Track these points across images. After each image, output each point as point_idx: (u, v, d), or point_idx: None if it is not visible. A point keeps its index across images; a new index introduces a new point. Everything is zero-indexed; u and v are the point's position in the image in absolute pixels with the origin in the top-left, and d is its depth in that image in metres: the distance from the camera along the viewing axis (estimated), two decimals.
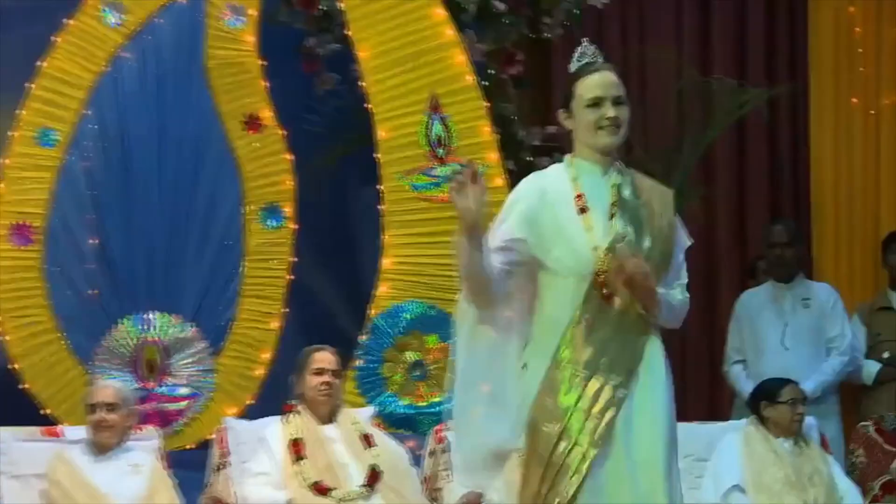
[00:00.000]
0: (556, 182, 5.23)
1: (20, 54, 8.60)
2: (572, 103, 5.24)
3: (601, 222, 5.17)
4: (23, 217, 8.46)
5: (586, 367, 5.11)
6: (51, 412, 8.30)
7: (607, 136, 5.25)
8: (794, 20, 10.25)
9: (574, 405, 5.08)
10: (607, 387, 5.15)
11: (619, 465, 5.11)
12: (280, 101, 8.82)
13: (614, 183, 5.26)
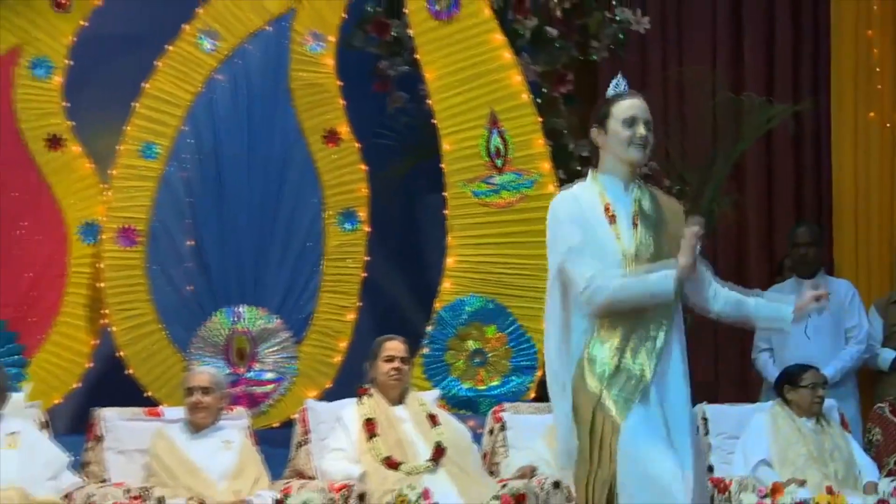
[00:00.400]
0: (586, 195, 5.28)
1: (127, 77, 8.64)
2: (608, 121, 5.35)
3: (627, 231, 5.28)
4: (128, 221, 8.50)
5: (616, 350, 5.25)
6: (152, 395, 8.36)
7: (637, 152, 5.34)
8: (818, 43, 10.18)
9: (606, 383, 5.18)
10: (639, 360, 5.27)
11: (657, 421, 5.20)
12: (355, 118, 8.81)
13: (636, 197, 5.40)
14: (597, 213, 5.26)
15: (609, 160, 5.34)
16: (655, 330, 5.29)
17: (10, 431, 7.07)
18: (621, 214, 5.31)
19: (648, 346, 5.26)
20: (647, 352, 5.27)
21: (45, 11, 8.54)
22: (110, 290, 8.48)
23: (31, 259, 8.54)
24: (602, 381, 5.18)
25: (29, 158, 8.54)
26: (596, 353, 5.26)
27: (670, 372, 5.24)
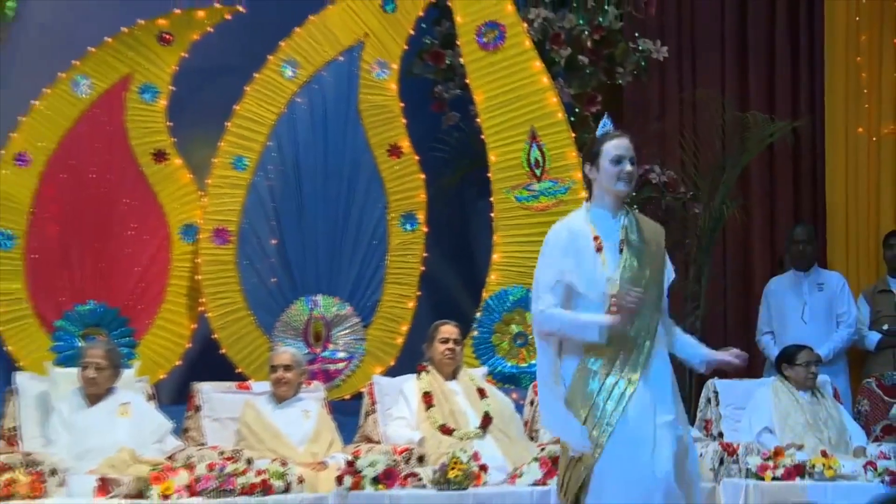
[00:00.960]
0: (577, 225, 5.29)
1: (220, 100, 8.67)
2: (598, 159, 5.39)
3: (613, 257, 5.33)
4: (221, 223, 8.56)
5: (605, 365, 5.21)
6: (242, 371, 8.42)
7: (624, 186, 5.37)
8: (813, 68, 10.10)
9: (598, 390, 5.20)
10: (623, 379, 5.26)
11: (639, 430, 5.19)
12: (415, 134, 8.84)
13: (623, 224, 5.46)
14: (587, 242, 5.30)
15: (600, 192, 5.38)
16: (640, 357, 5.36)
17: (122, 402, 7.18)
18: (609, 243, 5.36)
19: (634, 365, 5.32)
20: (632, 371, 5.33)
21: (152, 45, 8.59)
22: (206, 281, 8.54)
23: (139, 256, 8.57)
24: (595, 388, 5.25)
25: (138, 170, 8.58)
26: (591, 364, 5.34)
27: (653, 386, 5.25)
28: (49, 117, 8.47)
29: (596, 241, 5.26)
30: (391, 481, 6.61)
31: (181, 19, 8.67)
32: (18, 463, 6.41)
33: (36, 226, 8.41)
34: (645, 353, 5.23)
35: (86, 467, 6.65)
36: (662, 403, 5.22)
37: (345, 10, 8.79)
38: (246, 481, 6.37)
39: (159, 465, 6.55)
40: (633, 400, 5.15)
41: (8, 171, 8.36)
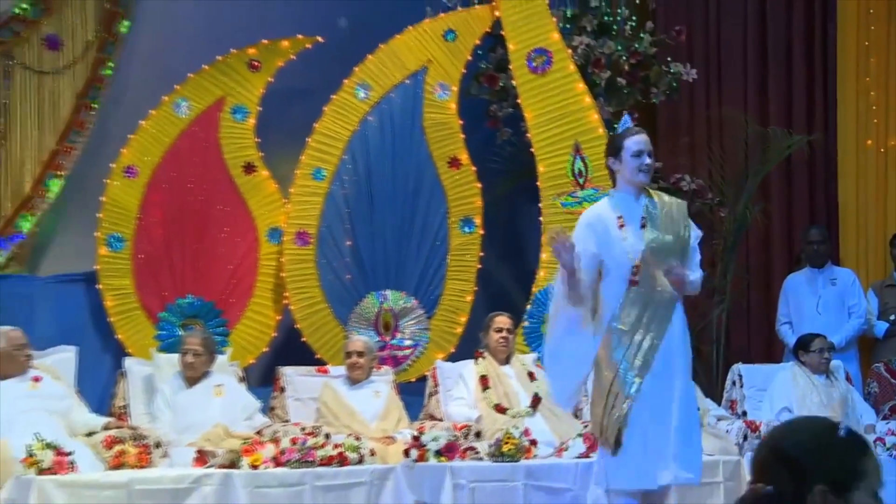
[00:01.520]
0: (603, 210, 5.43)
1: (302, 118, 8.69)
2: (621, 153, 5.47)
3: (635, 232, 5.40)
4: (303, 226, 8.57)
5: (631, 326, 5.36)
6: (321, 356, 8.41)
7: (644, 176, 5.46)
8: (827, 87, 10.03)
9: (622, 356, 5.33)
10: (649, 335, 5.38)
11: (661, 384, 5.35)
12: (472, 148, 8.83)
13: (644, 204, 5.48)
14: (612, 222, 5.39)
15: (622, 182, 5.47)
16: (662, 315, 5.41)
17: (217, 384, 7.29)
18: (631, 221, 5.43)
19: (657, 326, 5.38)
20: (654, 330, 5.38)
21: (242, 71, 8.62)
22: (290, 278, 8.55)
23: (231, 256, 8.60)
24: (620, 349, 5.33)
25: (230, 181, 8.61)
26: (618, 327, 5.37)
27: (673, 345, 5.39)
28: (154, 135, 8.52)
29: (619, 220, 5.34)
30: (452, 454, 6.67)
31: (268, 48, 8.70)
32: (128, 436, 6.49)
33: (142, 230, 8.45)
34: (668, 309, 5.37)
35: (185, 440, 6.76)
36: (681, 357, 5.39)
37: (411, 38, 8.81)
38: (324, 454, 6.45)
39: (249, 439, 6.65)
40: (659, 354, 5.31)
41: (118, 182, 8.41)
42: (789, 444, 2.21)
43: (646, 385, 5.31)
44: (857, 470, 2.18)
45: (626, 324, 5.34)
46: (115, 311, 8.33)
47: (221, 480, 6.13)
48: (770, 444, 2.24)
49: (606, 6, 9.21)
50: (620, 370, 5.31)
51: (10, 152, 8.45)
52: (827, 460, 2.18)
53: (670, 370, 5.38)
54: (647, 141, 5.49)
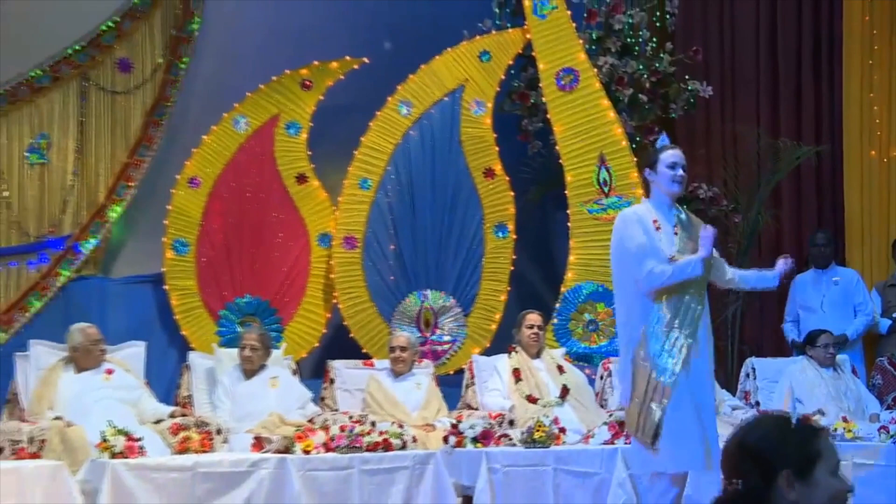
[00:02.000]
0: (641, 211, 5.40)
1: (349, 133, 8.71)
2: (657, 165, 5.46)
3: (669, 237, 5.38)
4: (350, 232, 8.60)
5: (666, 325, 5.34)
6: (367, 351, 8.43)
7: (677, 187, 5.44)
8: (833, 102, 9.95)
9: (659, 353, 5.31)
10: (682, 335, 5.35)
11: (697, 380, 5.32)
12: (506, 159, 8.82)
13: (676, 214, 5.47)
14: (650, 224, 5.38)
15: (657, 192, 5.45)
16: (696, 317, 5.39)
17: (272, 376, 7.30)
18: (666, 227, 5.41)
19: (688, 326, 5.35)
20: (688, 329, 5.36)
21: (295, 90, 8.65)
22: (338, 279, 8.58)
23: (285, 258, 8.62)
24: (656, 349, 5.31)
25: (284, 190, 8.64)
26: (652, 330, 5.35)
27: (704, 343, 5.37)
28: (215, 149, 8.56)
29: (655, 223, 5.32)
30: (487, 440, 6.64)
31: (319, 69, 8.73)
32: (192, 424, 6.51)
33: (204, 235, 8.49)
34: (698, 314, 5.34)
35: (244, 428, 6.77)
36: (706, 356, 5.37)
37: (449, 59, 8.82)
38: (370, 440, 6.44)
39: (302, 426, 6.67)
40: (692, 353, 5.28)
41: (183, 192, 8.47)
42: (752, 440, 2.25)
43: (681, 378, 5.28)
44: (814, 453, 2.23)
45: (661, 323, 5.32)
46: (180, 310, 8.39)
47: (276, 464, 6.14)
48: (736, 443, 2.27)
49: (629, 29, 9.16)
50: (659, 365, 5.28)
51: (86, 165, 8.53)
52: (786, 448, 2.22)
53: (703, 364, 5.37)
54: (682, 156, 5.50)
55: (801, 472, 2.20)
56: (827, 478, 2.22)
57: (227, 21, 8.91)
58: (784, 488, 2.18)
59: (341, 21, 9.12)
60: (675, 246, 5.35)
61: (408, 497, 6.44)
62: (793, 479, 2.19)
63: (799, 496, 2.19)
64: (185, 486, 5.98)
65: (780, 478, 2.18)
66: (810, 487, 2.20)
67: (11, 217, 8.35)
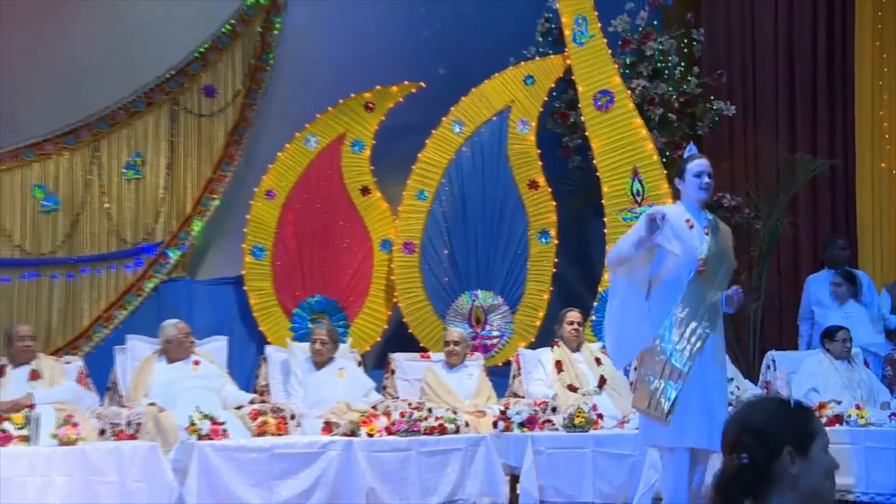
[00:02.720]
0: (673, 210, 5.34)
1: (408, 149, 8.71)
2: (685, 174, 5.41)
3: (700, 237, 5.32)
4: (409, 238, 8.62)
5: (687, 316, 5.29)
6: (424, 345, 8.44)
7: (704, 193, 5.38)
8: (846, 119, 9.86)
9: (677, 340, 5.26)
10: (700, 327, 5.30)
11: (706, 368, 5.29)
12: (548, 172, 8.80)
13: (706, 217, 5.42)
14: (682, 221, 5.34)
15: (686, 199, 5.40)
16: (714, 312, 5.35)
17: (340, 367, 7.34)
18: (697, 226, 5.37)
19: (706, 317, 5.31)
20: (705, 320, 5.32)
21: (360, 111, 8.68)
22: (398, 280, 8.59)
23: (350, 262, 8.65)
24: (675, 336, 5.27)
25: (349, 201, 8.67)
26: (674, 318, 5.31)
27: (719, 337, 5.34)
28: (289, 164, 8.61)
29: (688, 222, 5.28)
30: (532, 425, 6.66)
31: (380, 93, 8.76)
32: (269, 410, 6.56)
33: (279, 241, 8.53)
34: (716, 308, 5.31)
35: (314, 413, 6.81)
36: (722, 346, 5.36)
37: (497, 83, 8.81)
38: (427, 424, 6.46)
39: (366, 412, 6.71)
40: (709, 343, 5.25)
41: (260, 203, 8.53)
42: (755, 419, 2.25)
43: (696, 364, 5.24)
44: (810, 431, 2.24)
45: (684, 312, 5.28)
46: (257, 308, 8.45)
47: (344, 446, 6.17)
48: (739, 422, 2.27)
49: (659, 55, 9.11)
50: (676, 351, 5.25)
51: (176, 179, 8.62)
52: (786, 426, 2.23)
53: (718, 355, 5.34)
54: (707, 164, 5.44)
55: (801, 449, 2.21)
56: (821, 454, 2.24)
57: (299, 51, 8.94)
58: (787, 463, 2.19)
59: (400, 49, 9.13)
60: (706, 245, 5.29)
61: (461, 476, 6.45)
62: (794, 455, 2.20)
63: (799, 470, 2.20)
64: (263, 465, 6.03)
65: (783, 453, 2.19)
66: (808, 462, 2.21)
67: (111, 226, 8.45)
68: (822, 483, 2.22)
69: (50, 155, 8.35)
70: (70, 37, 8.49)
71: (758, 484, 2.19)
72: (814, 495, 2.21)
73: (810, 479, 2.20)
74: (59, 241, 8.35)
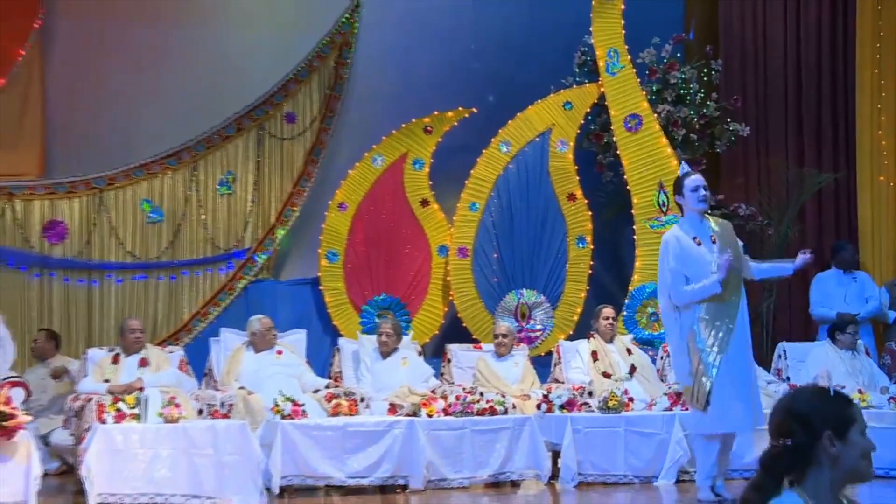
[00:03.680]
0: (681, 233, 5.36)
1: (464, 167, 8.70)
2: (683, 189, 5.40)
3: (709, 247, 5.30)
4: (463, 243, 8.61)
5: (712, 318, 5.26)
6: (476, 337, 8.40)
7: (704, 205, 5.39)
8: (848, 136, 9.65)
9: (707, 339, 5.23)
10: (723, 326, 5.27)
11: (735, 359, 5.26)
12: (584, 186, 8.75)
13: (708, 225, 5.38)
14: (690, 242, 5.30)
15: (687, 211, 5.39)
16: (734, 309, 5.32)
17: (403, 356, 7.32)
18: (705, 240, 5.33)
19: (728, 318, 5.28)
20: (728, 321, 5.29)
21: (419, 134, 8.70)
22: (453, 281, 8.59)
23: (411, 265, 8.67)
24: (704, 340, 5.25)
25: (411, 212, 8.69)
26: (698, 326, 5.29)
27: (741, 329, 5.34)
28: (358, 180, 8.65)
29: (695, 240, 5.25)
30: (571, 407, 6.64)
31: (438, 118, 8.78)
32: (342, 393, 6.59)
33: (350, 247, 8.56)
34: (735, 305, 5.30)
35: (381, 396, 6.81)
36: (746, 338, 5.35)
37: (539, 108, 8.78)
38: (479, 406, 6.47)
39: (426, 396, 6.70)
40: (734, 336, 5.26)
41: (334, 214, 8.58)
42: (798, 405, 2.22)
43: (724, 360, 5.23)
44: (849, 416, 2.21)
45: (709, 316, 5.26)
46: (331, 305, 8.50)
47: (407, 425, 6.20)
48: (784, 408, 2.25)
49: (682, 83, 9.02)
50: (705, 351, 5.24)
51: (262, 194, 8.70)
52: (827, 412, 2.20)
53: (743, 346, 5.33)
54: (702, 178, 5.50)
55: (840, 433, 2.19)
56: (859, 437, 2.21)
57: (367, 82, 8.98)
58: (827, 445, 2.18)
59: (454, 80, 9.12)
60: (715, 251, 5.24)
61: (509, 451, 6.45)
62: (833, 438, 2.18)
63: (839, 452, 2.18)
64: (337, 440, 6.09)
65: (823, 437, 2.17)
66: (847, 445, 2.19)
67: (207, 235, 8.57)
68: (860, 463, 2.20)
69: (156, 174, 8.49)
70: (172, 73, 8.64)
71: (798, 463, 2.17)
72: (852, 474, 2.20)
73: (849, 460, 2.18)
74: (164, 248, 8.49)
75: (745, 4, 9.72)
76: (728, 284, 5.32)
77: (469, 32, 9.24)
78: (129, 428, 5.76)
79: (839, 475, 2.18)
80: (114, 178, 8.37)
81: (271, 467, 5.92)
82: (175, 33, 8.66)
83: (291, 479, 6.00)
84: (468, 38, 9.28)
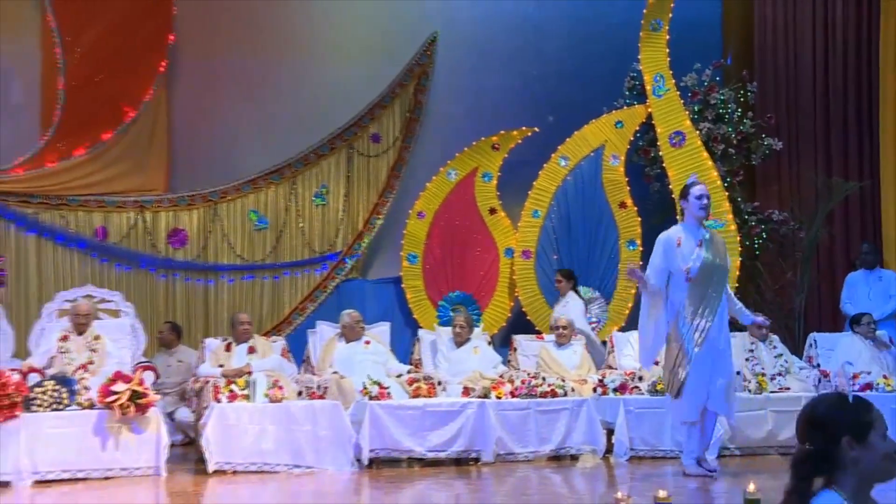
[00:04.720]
0: (671, 234, 5.38)
1: (524, 179, 8.58)
2: (688, 196, 5.32)
3: (690, 251, 5.24)
4: (526, 247, 8.53)
5: (692, 313, 5.16)
6: (538, 328, 8.28)
7: (704, 213, 5.33)
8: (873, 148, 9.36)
9: (686, 332, 5.14)
10: (704, 319, 5.18)
11: (711, 350, 5.19)
12: (634, 195, 8.64)
13: (703, 233, 5.28)
14: (674, 241, 5.33)
15: (689, 216, 5.34)
16: (716, 303, 5.22)
17: (474, 346, 7.28)
18: (689, 243, 5.25)
19: (709, 311, 5.19)
20: (709, 314, 5.20)
21: (488, 151, 8.62)
22: (518, 279, 8.53)
23: (481, 266, 8.63)
24: (685, 328, 5.16)
25: (481, 219, 8.65)
26: (684, 314, 5.21)
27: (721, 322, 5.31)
28: (434, 192, 8.63)
29: (678, 240, 5.21)
30: (624, 390, 6.61)
31: (504, 136, 8.71)
32: (421, 377, 6.58)
33: (428, 250, 8.57)
34: (717, 303, 5.27)
35: (456, 380, 6.79)
36: (722, 333, 5.30)
37: (594, 127, 8.68)
38: (542, 390, 6.45)
39: (495, 380, 6.66)
40: (711, 331, 5.22)
41: (413, 221, 8.60)
42: (818, 413, 2.11)
43: (703, 350, 5.21)
44: (867, 421, 2.09)
45: (689, 310, 5.21)
46: (412, 301, 8.52)
47: (478, 406, 6.21)
48: (806, 415, 2.14)
49: (721, 103, 8.88)
50: (685, 342, 5.19)
51: (351, 205, 8.77)
52: (845, 418, 2.08)
53: (720, 339, 5.28)
54: (706, 188, 5.61)
55: (859, 437, 2.07)
56: (879, 441, 2.08)
57: (443, 105, 8.99)
58: (847, 449, 2.06)
59: (519, 101, 9.08)
60: (694, 256, 5.22)
61: (569, 429, 6.42)
62: (853, 443, 2.06)
63: (859, 455, 2.06)
64: (418, 419, 6.12)
65: (842, 442, 2.06)
66: (866, 449, 2.07)
67: (304, 240, 8.66)
68: (881, 464, 2.08)
69: (261, 188, 8.61)
70: (275, 100, 8.79)
71: (825, 466, 2.07)
72: (873, 475, 2.08)
73: (870, 463, 2.06)
74: (268, 252, 8.60)
75: (777, 32, 9.50)
76: (712, 280, 5.24)
77: (531, 60, 9.21)
78: (240, 406, 5.86)
79: (863, 476, 2.07)
80: (226, 192, 8.52)
81: (361, 442, 5.96)
82: (278, 65, 8.79)
83: (378, 452, 6.06)
84: (530, 66, 9.23)
